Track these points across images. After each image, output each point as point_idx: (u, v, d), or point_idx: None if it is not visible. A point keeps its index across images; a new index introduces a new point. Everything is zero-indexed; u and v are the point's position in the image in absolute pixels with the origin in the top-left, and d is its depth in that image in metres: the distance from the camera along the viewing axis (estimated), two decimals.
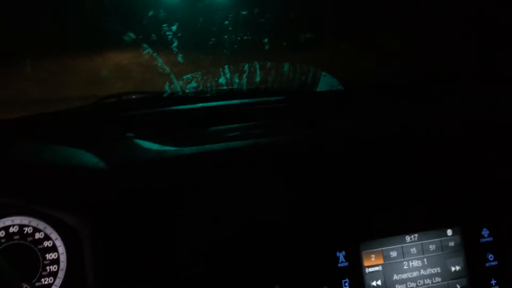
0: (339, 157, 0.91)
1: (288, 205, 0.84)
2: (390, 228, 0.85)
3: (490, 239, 0.88)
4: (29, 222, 0.79)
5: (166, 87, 1.23)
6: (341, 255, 0.82)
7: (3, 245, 0.77)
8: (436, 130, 0.98)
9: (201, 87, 1.22)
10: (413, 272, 0.85)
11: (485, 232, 0.88)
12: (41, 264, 0.78)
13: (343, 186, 0.87)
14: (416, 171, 0.91)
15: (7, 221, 0.79)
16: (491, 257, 0.88)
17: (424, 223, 0.87)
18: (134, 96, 1.18)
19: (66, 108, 1.04)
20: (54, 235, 0.79)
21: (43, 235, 0.79)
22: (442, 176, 0.90)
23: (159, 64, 1.25)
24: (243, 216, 0.82)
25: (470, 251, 0.87)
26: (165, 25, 1.22)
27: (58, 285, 0.77)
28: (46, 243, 0.79)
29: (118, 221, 0.78)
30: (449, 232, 0.88)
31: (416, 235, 0.86)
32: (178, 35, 1.23)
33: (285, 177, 0.86)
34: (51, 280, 0.78)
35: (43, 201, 0.78)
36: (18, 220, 0.79)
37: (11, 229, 0.78)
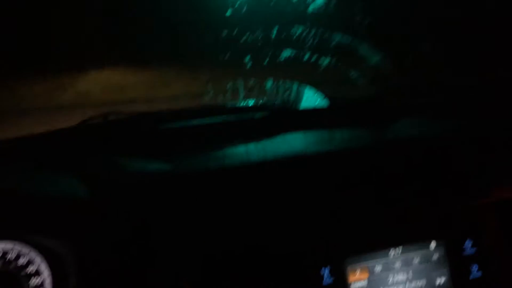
0: (323, 170, 0.91)
1: (273, 221, 0.84)
2: (374, 242, 0.86)
3: (474, 250, 0.89)
4: (13, 245, 0.79)
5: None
6: (326, 271, 0.82)
7: None
8: (425, 141, 0.99)
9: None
10: (399, 286, 0.86)
11: (468, 243, 0.89)
12: None
13: (328, 201, 0.88)
14: (398, 184, 0.92)
15: None
16: (475, 268, 0.89)
17: (408, 236, 0.88)
18: (121, 116, 1.19)
19: (48, 130, 1.04)
20: (38, 258, 0.79)
21: (27, 261, 0.79)
22: (425, 188, 0.91)
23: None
24: (228, 235, 0.82)
25: (454, 263, 0.88)
26: None
27: None
28: (31, 268, 0.78)
29: (104, 247, 0.78)
30: (433, 244, 0.88)
31: (400, 247, 0.87)
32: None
33: (268, 192, 0.87)
34: None
35: (28, 227, 0.77)
36: (2, 244, 0.79)
37: None
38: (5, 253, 0.78)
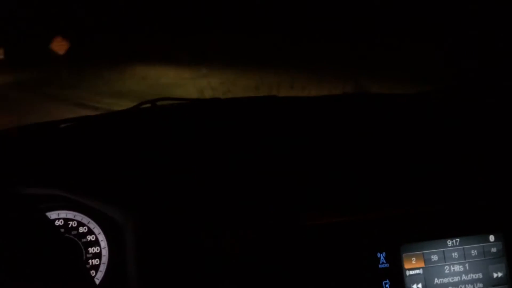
0: (383, 158, 0.91)
1: (331, 205, 0.84)
2: (431, 231, 0.84)
3: None
4: (74, 216, 0.81)
5: None
6: (381, 256, 0.81)
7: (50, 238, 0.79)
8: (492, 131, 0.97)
9: None
10: (455, 277, 0.83)
11: None
12: (84, 257, 0.79)
13: (386, 188, 0.87)
14: (459, 175, 0.90)
15: (53, 215, 0.81)
16: None
17: (466, 228, 0.86)
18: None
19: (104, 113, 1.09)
20: (97, 229, 0.81)
21: (86, 229, 0.81)
22: (486, 180, 0.89)
23: None
24: (281, 214, 0.82)
25: None
26: None
27: (100, 278, 0.79)
28: (89, 237, 0.81)
29: (162, 217, 0.79)
30: (492, 237, 0.86)
31: (458, 239, 0.85)
32: None
33: (320, 181, 0.86)
34: (93, 273, 0.79)
35: (89, 194, 0.79)
36: (63, 214, 0.81)
37: (57, 223, 0.80)
38: (66, 221, 0.81)
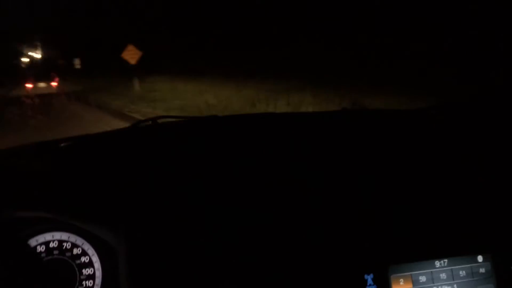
0: (370, 178, 0.92)
1: (319, 224, 0.85)
2: (419, 252, 0.85)
3: None
4: (68, 237, 0.83)
5: None
6: (369, 278, 0.82)
7: (44, 260, 0.81)
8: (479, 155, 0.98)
9: None
10: None
11: None
12: (78, 279, 0.81)
13: (375, 207, 0.88)
14: (447, 196, 0.91)
15: (47, 236, 0.82)
16: None
17: (454, 249, 0.86)
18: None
19: (104, 131, 1.10)
20: (91, 251, 0.83)
21: (80, 251, 0.83)
22: (474, 201, 0.90)
23: None
24: (269, 232, 0.84)
25: (501, 278, 0.86)
26: None
27: None
28: (83, 259, 0.82)
29: (154, 239, 0.81)
30: (480, 258, 0.87)
31: (446, 260, 0.86)
32: None
33: (314, 196, 0.88)
34: None
35: (82, 217, 0.81)
36: (58, 235, 0.83)
37: (51, 244, 0.82)
38: (61, 243, 0.82)
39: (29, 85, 18.92)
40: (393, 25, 9.36)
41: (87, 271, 0.82)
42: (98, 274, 0.82)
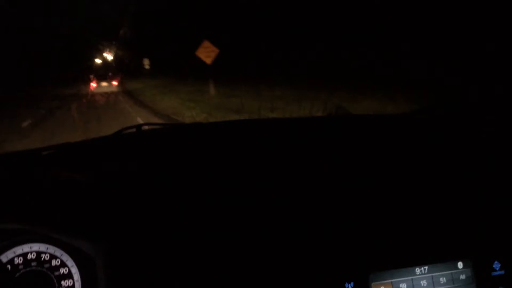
0: (351, 186, 0.92)
1: (298, 232, 0.85)
2: (399, 259, 0.85)
3: (502, 272, 0.87)
4: (47, 249, 0.82)
5: None
6: (349, 286, 0.82)
7: (21, 271, 0.80)
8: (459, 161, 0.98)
9: None
10: None
11: (496, 265, 0.88)
12: None
13: (354, 216, 0.88)
14: (427, 202, 0.91)
15: (25, 248, 0.81)
16: None
17: (435, 255, 0.87)
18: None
19: (88, 138, 1.10)
20: (70, 262, 0.82)
21: (59, 262, 0.82)
22: (453, 208, 0.91)
23: None
24: (251, 243, 0.83)
25: (482, 284, 0.86)
26: None
27: None
28: (62, 270, 0.81)
29: (131, 248, 0.80)
30: (460, 264, 0.87)
31: (426, 267, 0.86)
32: None
33: (296, 205, 0.88)
34: None
35: (61, 229, 0.80)
36: (36, 247, 0.82)
37: (29, 256, 0.81)
38: (39, 254, 0.81)
39: (93, 85, 20.96)
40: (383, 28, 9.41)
41: (66, 283, 0.81)
42: (78, 285, 0.81)
